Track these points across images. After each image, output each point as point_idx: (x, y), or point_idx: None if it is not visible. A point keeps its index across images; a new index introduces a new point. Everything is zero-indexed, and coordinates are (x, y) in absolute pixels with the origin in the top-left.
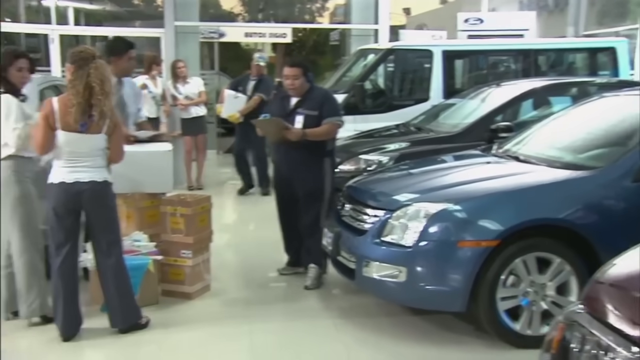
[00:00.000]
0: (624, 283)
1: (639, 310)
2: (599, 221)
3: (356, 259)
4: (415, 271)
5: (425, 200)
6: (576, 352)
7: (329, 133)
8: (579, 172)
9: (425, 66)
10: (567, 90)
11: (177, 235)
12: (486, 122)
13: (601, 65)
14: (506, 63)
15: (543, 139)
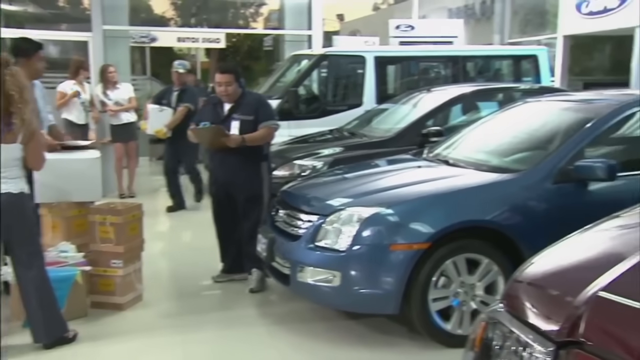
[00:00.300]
0: (540, 281)
1: (554, 307)
2: (523, 222)
3: (290, 264)
4: (349, 275)
5: (358, 204)
6: (497, 349)
7: (266, 137)
8: (505, 175)
9: (358, 72)
10: (494, 95)
11: (107, 245)
12: (417, 126)
13: (525, 72)
14: (436, 69)
15: (471, 143)
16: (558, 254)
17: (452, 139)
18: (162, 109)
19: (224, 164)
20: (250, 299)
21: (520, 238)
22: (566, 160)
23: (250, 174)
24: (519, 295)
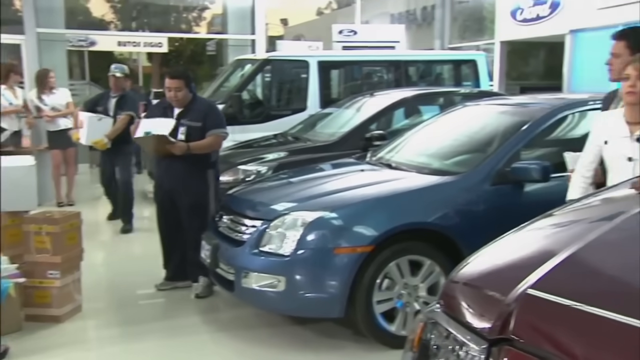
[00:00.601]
0: (474, 281)
1: (487, 306)
2: (463, 223)
3: (235, 270)
4: (294, 280)
5: (302, 209)
6: (435, 349)
7: (213, 145)
8: (445, 178)
9: (302, 76)
10: (435, 99)
11: (43, 255)
12: (361, 130)
13: (464, 77)
14: (379, 73)
15: (413, 146)
16: (492, 254)
17: (395, 142)
18: (100, 118)
19: (169, 171)
20: (194, 306)
21: (461, 239)
22: (503, 163)
23: (195, 181)
24: (454, 295)
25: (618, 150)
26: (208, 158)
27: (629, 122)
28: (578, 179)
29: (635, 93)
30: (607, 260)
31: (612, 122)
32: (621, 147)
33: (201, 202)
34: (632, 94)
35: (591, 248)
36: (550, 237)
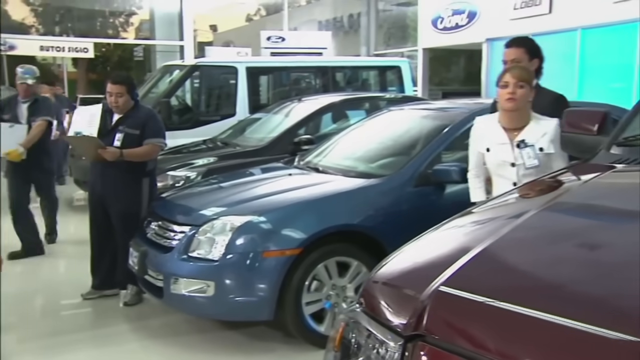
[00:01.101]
0: (392, 280)
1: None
2: (388, 224)
3: (164, 276)
4: (224, 284)
5: (230, 213)
6: (355, 348)
7: (149, 154)
8: (371, 180)
9: (230, 82)
10: (361, 104)
11: None
12: (290, 135)
13: (390, 82)
14: (307, 79)
15: (340, 150)
16: (409, 253)
17: (322, 146)
18: (12, 125)
19: (102, 176)
20: (123, 314)
21: (386, 239)
22: (425, 165)
23: (129, 189)
24: (373, 294)
25: (500, 157)
26: (144, 166)
27: (505, 128)
28: (474, 181)
29: (514, 100)
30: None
31: (489, 128)
32: (503, 153)
33: (133, 211)
34: (512, 101)
35: (499, 245)
36: (463, 235)
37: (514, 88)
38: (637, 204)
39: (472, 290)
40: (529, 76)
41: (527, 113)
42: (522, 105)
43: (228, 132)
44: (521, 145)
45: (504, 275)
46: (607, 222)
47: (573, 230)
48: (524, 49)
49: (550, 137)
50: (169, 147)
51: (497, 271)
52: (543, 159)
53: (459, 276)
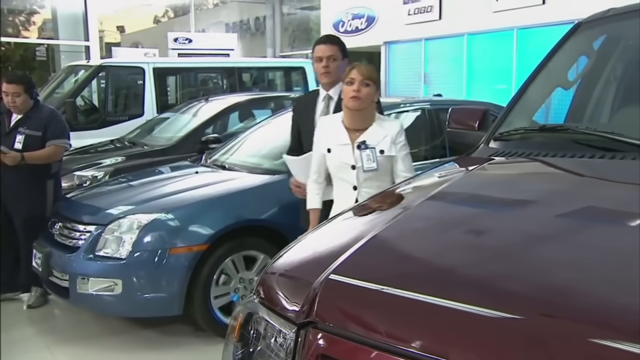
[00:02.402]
0: (287, 271)
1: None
2: (293, 218)
3: (69, 276)
4: (132, 282)
5: (138, 211)
6: (254, 338)
7: (52, 156)
8: (275, 177)
9: (138, 82)
10: (267, 103)
11: None
12: (197, 134)
13: (295, 82)
14: (215, 79)
15: (246, 148)
16: (304, 244)
17: (229, 145)
18: None
19: (4, 181)
20: (28, 317)
21: (291, 233)
22: None
23: (32, 193)
24: (269, 284)
25: (341, 158)
26: (47, 169)
27: (348, 129)
28: (312, 187)
29: (359, 98)
30: (400, 244)
31: (332, 128)
32: (343, 155)
33: (36, 214)
34: (356, 99)
35: (385, 234)
36: (354, 226)
37: (360, 86)
38: (511, 193)
39: (360, 277)
40: (376, 75)
41: (372, 113)
42: (367, 104)
43: (136, 131)
44: (362, 147)
45: (390, 262)
46: (487, 210)
47: (455, 217)
48: (338, 47)
49: (392, 139)
50: (76, 147)
51: (384, 258)
52: (383, 162)
53: (347, 264)
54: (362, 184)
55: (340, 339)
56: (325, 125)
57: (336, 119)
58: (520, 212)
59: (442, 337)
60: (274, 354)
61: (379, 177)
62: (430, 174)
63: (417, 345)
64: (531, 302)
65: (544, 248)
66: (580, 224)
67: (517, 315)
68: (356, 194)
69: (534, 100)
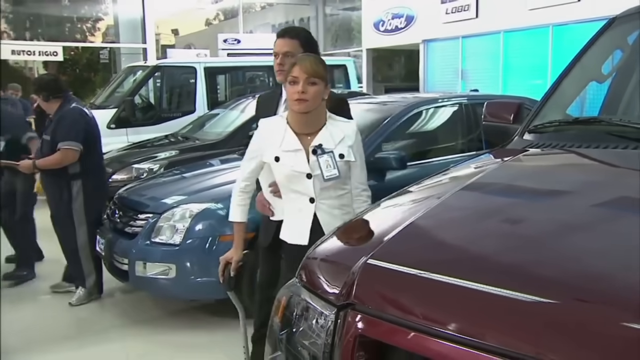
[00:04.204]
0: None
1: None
2: None
3: (129, 261)
4: (185, 266)
5: (190, 201)
6: (296, 319)
7: (62, 160)
8: None
9: (190, 81)
10: None
11: None
12: (245, 129)
13: (337, 80)
14: (261, 77)
15: None
16: (343, 232)
17: None
18: None
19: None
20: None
21: None
22: (367, 154)
23: (55, 195)
24: (311, 269)
25: (293, 167)
26: (63, 172)
27: (297, 133)
28: (238, 197)
29: (306, 100)
30: (434, 231)
31: (277, 133)
32: (296, 163)
33: (64, 214)
34: (302, 102)
35: (420, 222)
36: (390, 214)
37: (305, 85)
38: (545, 182)
39: (397, 262)
40: (323, 69)
41: (323, 113)
42: (316, 105)
43: (188, 127)
44: (318, 151)
45: (426, 248)
46: (521, 199)
47: (490, 206)
48: (298, 41)
49: (351, 142)
50: (133, 142)
51: (420, 245)
52: (344, 168)
53: (384, 250)
54: (320, 195)
55: (378, 320)
56: (266, 130)
57: (280, 121)
58: (554, 201)
59: (477, 319)
60: (315, 334)
61: (339, 186)
62: (466, 164)
63: (452, 327)
64: (564, 287)
65: (577, 236)
66: (614, 213)
67: (551, 300)
68: (314, 207)
69: (568, 94)
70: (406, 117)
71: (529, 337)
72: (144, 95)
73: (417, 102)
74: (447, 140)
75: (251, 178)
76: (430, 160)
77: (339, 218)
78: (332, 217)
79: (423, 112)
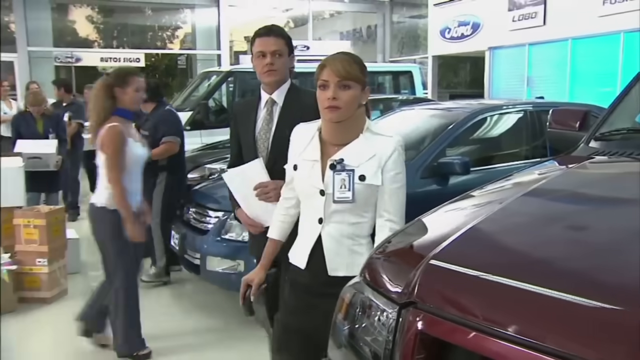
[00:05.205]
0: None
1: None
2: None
3: (200, 255)
4: (252, 263)
5: None
6: (359, 315)
7: (167, 152)
8: None
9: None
10: (377, 105)
11: (32, 245)
12: None
13: (402, 86)
14: None
15: None
16: (407, 233)
17: None
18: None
19: None
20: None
21: None
22: (432, 158)
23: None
24: (374, 268)
25: (308, 180)
26: (155, 162)
27: (325, 142)
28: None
29: (338, 108)
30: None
31: (305, 139)
32: (311, 175)
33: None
34: (334, 110)
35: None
36: (452, 218)
37: (336, 90)
38: (611, 190)
39: (459, 263)
40: (359, 70)
41: (360, 122)
42: (351, 112)
43: None
44: (337, 167)
45: (487, 251)
46: (586, 206)
47: (553, 212)
48: (284, 41)
49: (381, 163)
50: (207, 143)
51: (481, 248)
52: (362, 192)
53: (447, 251)
54: (330, 217)
55: (439, 319)
56: (297, 135)
57: (312, 127)
58: (619, 209)
59: (537, 321)
60: (377, 331)
61: (356, 212)
62: (529, 171)
63: (512, 329)
64: (627, 294)
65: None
66: None
67: (613, 306)
68: (320, 228)
69: (637, 102)
70: (470, 123)
71: (590, 342)
72: (218, 99)
73: (481, 109)
74: (511, 146)
75: (291, 191)
76: (493, 166)
77: (346, 249)
78: (339, 245)
79: (487, 119)
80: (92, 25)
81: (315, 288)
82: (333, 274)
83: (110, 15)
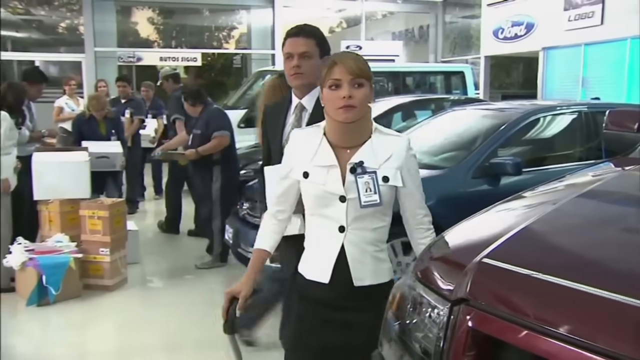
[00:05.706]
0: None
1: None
2: (449, 210)
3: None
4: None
5: None
6: (410, 310)
7: (218, 146)
8: (434, 172)
9: None
10: (428, 105)
11: (96, 235)
12: None
13: (454, 86)
14: (381, 82)
15: None
16: (459, 231)
17: None
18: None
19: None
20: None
21: (446, 224)
22: (483, 159)
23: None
24: (427, 266)
25: (325, 186)
26: (210, 157)
27: (335, 146)
28: (268, 223)
29: (353, 107)
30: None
31: (310, 145)
32: (329, 181)
33: (205, 192)
34: (349, 109)
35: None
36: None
37: (350, 89)
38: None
39: (511, 262)
40: (368, 68)
41: (369, 122)
42: (364, 112)
43: None
44: (358, 170)
45: (540, 251)
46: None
47: (607, 214)
48: (315, 41)
49: (400, 162)
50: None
51: (534, 247)
52: (387, 194)
53: (500, 250)
54: (352, 224)
55: (491, 316)
56: (298, 141)
57: (315, 132)
58: None
59: (589, 321)
60: (427, 327)
61: (378, 216)
62: (584, 172)
63: (564, 328)
64: None
65: None
66: None
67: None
68: (342, 237)
69: None
70: (523, 124)
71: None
72: None
73: (534, 109)
74: (564, 148)
75: (284, 202)
76: (546, 167)
77: (370, 256)
78: (363, 253)
79: (540, 119)
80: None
81: (338, 302)
82: (359, 284)
83: (170, 17)
